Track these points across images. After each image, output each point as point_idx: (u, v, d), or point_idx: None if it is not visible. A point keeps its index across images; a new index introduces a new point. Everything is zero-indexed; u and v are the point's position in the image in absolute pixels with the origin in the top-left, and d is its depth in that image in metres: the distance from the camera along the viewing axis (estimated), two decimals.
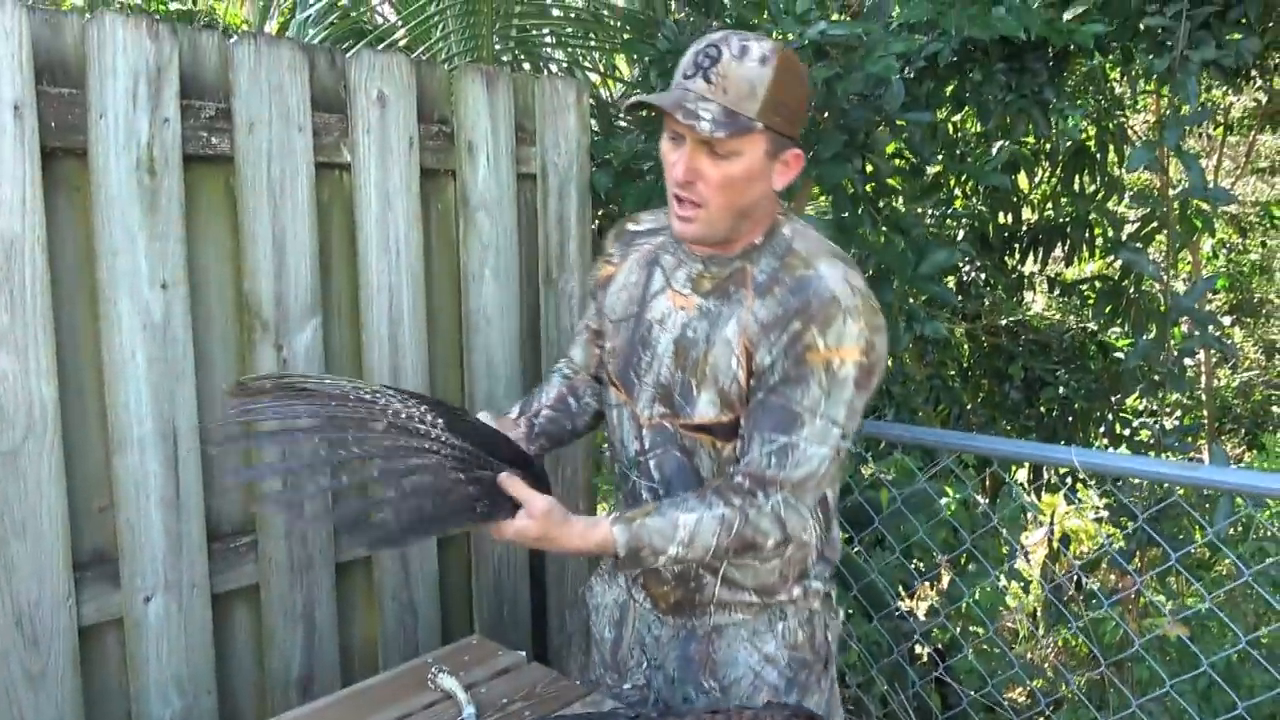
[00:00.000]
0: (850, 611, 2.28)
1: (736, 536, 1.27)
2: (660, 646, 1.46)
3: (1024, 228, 3.58)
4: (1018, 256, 3.59)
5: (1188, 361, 3.10)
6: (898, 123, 2.31)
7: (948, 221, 3.44)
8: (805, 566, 1.43)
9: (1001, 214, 3.51)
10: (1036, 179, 3.72)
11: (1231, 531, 2.53)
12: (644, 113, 2.33)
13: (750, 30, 1.54)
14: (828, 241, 1.36)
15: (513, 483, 1.28)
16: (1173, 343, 2.78)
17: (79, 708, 1.39)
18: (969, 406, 3.51)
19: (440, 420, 1.28)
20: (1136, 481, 2.52)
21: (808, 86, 1.31)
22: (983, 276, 3.62)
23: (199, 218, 1.50)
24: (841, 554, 1.53)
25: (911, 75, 2.40)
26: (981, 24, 2.15)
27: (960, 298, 3.52)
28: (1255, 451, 5.73)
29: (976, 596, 2.24)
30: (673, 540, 1.26)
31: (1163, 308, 3.00)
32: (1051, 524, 4.15)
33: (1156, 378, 2.96)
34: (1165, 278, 3.10)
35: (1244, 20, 2.31)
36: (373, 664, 1.73)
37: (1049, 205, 3.71)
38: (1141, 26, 2.40)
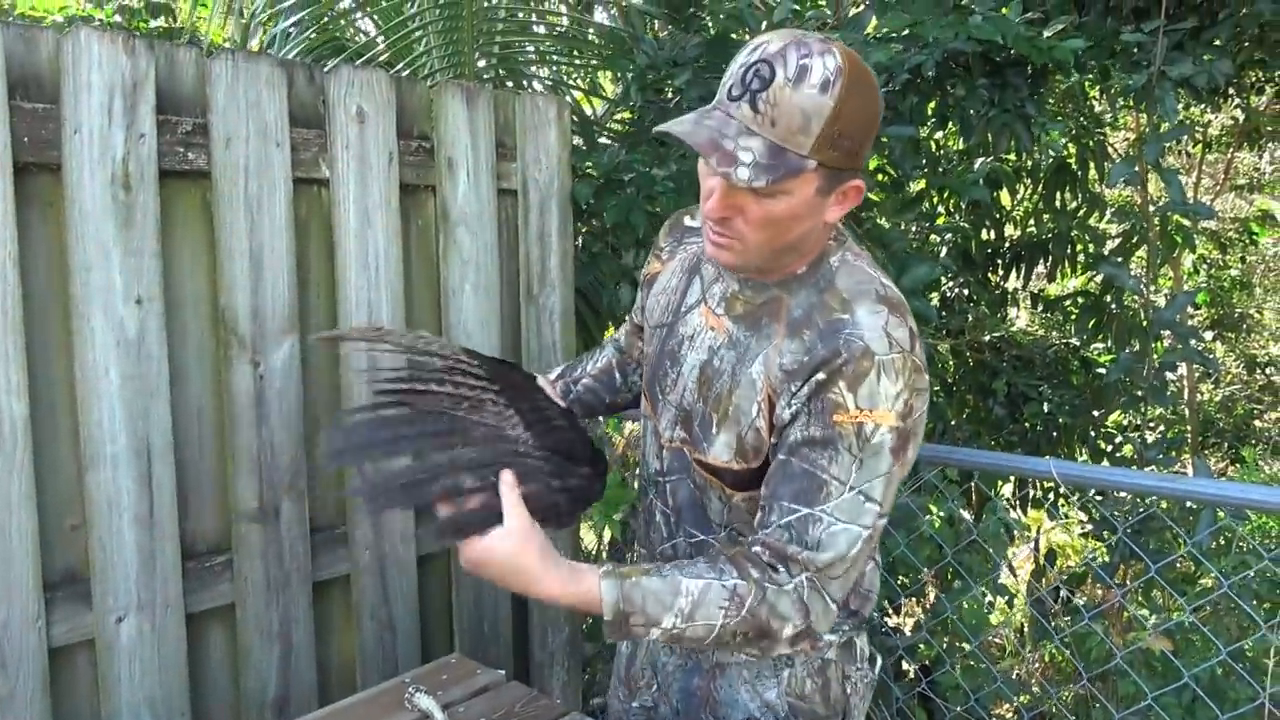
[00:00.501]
0: None
1: (749, 615, 1.10)
2: (669, 674, 1.42)
3: (1006, 244, 3.61)
4: (1000, 272, 3.61)
5: (1170, 376, 3.11)
6: (880, 137, 2.32)
7: (930, 237, 3.46)
8: None
9: (984, 230, 3.53)
10: (1018, 196, 3.75)
11: (1215, 544, 2.53)
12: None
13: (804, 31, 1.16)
14: (879, 278, 1.18)
15: (509, 494, 1.12)
16: (1154, 357, 2.79)
17: None
18: (953, 422, 3.52)
19: (527, 428, 1.22)
20: (1121, 495, 2.52)
21: (879, 104, 1.10)
22: (966, 292, 3.64)
23: (175, 233, 1.49)
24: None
25: (895, 89, 2.41)
26: (961, 31, 2.17)
27: (943, 313, 3.53)
28: (1237, 465, 5.76)
29: (962, 611, 2.23)
30: (670, 609, 1.10)
31: (1144, 323, 3.02)
32: (1037, 539, 4.16)
33: (1139, 392, 2.97)
34: (1146, 293, 3.12)
35: (1217, 41, 2.34)
36: (351, 684, 1.71)
37: (1031, 222, 3.74)
38: (1118, 46, 2.43)
